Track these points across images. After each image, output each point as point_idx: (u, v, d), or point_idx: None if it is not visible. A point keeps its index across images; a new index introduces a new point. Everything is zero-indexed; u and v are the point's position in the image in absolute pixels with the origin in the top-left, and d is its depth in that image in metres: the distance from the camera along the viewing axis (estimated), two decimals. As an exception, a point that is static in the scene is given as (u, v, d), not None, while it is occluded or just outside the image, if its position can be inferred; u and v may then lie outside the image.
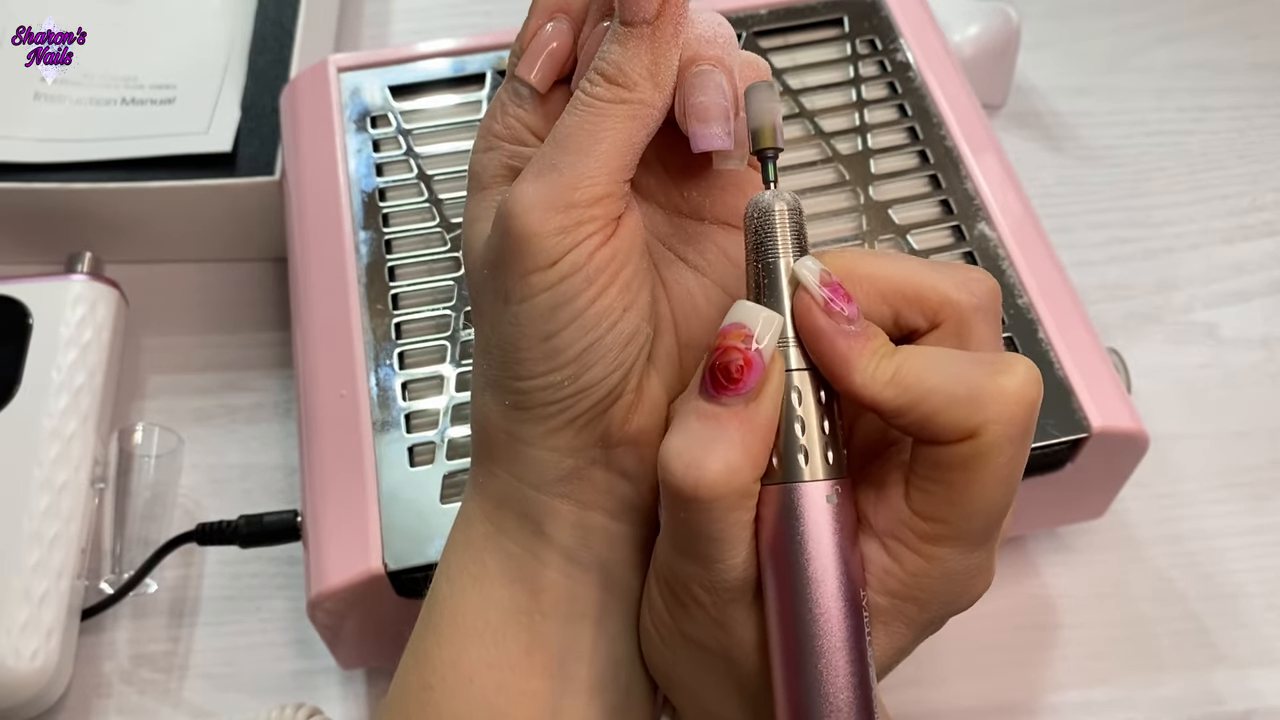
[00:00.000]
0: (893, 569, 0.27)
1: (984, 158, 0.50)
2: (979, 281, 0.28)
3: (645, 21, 0.28)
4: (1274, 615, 0.51)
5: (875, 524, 0.28)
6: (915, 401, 0.26)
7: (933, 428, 0.26)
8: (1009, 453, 0.26)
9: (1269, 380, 0.58)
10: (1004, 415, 0.26)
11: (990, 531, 0.27)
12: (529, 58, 0.30)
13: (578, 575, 0.31)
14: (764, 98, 0.28)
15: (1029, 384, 0.26)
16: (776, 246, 0.28)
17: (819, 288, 0.27)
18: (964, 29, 0.64)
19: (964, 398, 0.26)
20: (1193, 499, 0.54)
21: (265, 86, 0.60)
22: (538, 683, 0.31)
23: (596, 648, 0.31)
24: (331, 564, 0.42)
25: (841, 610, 0.27)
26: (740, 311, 0.27)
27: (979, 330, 0.28)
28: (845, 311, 0.27)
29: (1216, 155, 0.67)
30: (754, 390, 0.27)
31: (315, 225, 0.50)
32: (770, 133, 0.28)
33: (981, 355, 0.27)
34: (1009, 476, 0.26)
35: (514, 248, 0.28)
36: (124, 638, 0.50)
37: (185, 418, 0.56)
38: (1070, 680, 0.50)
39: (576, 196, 0.28)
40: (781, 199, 0.28)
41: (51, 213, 0.58)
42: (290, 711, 0.44)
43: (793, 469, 0.27)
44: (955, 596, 0.28)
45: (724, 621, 0.28)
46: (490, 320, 0.30)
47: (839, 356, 0.27)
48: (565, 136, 0.28)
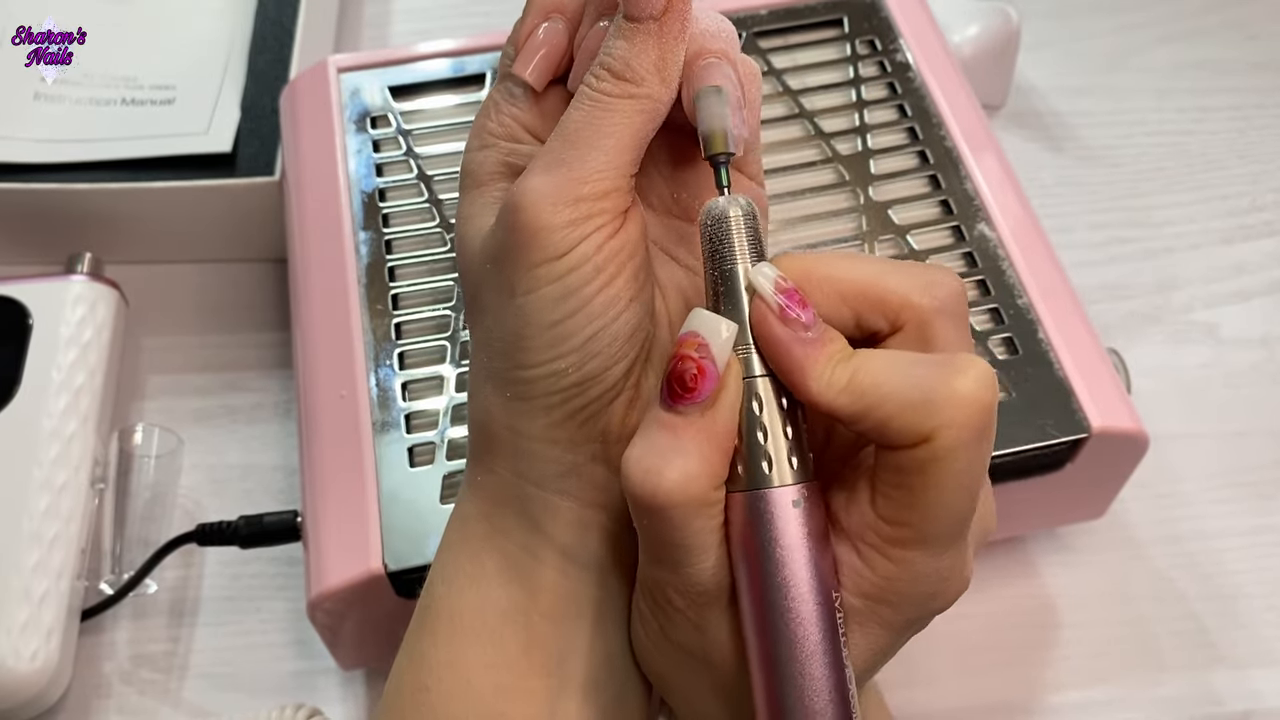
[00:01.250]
0: (864, 571, 0.27)
1: (984, 158, 0.50)
2: (941, 284, 0.28)
3: (652, 17, 0.28)
4: (1274, 615, 0.51)
5: (846, 527, 0.28)
6: (870, 408, 0.26)
7: (888, 433, 0.26)
8: (965, 456, 0.26)
9: (1269, 380, 0.58)
10: (957, 419, 0.25)
11: (955, 535, 0.27)
12: (525, 56, 0.30)
13: (576, 574, 0.31)
14: (713, 103, 0.28)
15: (982, 387, 0.26)
16: (733, 252, 0.28)
17: (774, 295, 0.27)
18: (964, 29, 0.64)
19: (917, 402, 0.26)
20: (1193, 499, 0.54)
21: (265, 87, 0.60)
22: (535, 682, 0.31)
23: (594, 647, 0.31)
24: (331, 564, 0.42)
25: (813, 612, 0.27)
26: (695, 320, 0.27)
27: (942, 333, 0.28)
28: (801, 318, 0.27)
29: (1216, 155, 0.67)
30: (709, 399, 0.27)
31: (315, 225, 0.50)
32: (721, 138, 0.28)
33: (937, 357, 0.27)
34: (968, 480, 0.26)
35: (522, 241, 0.28)
36: (124, 638, 0.50)
37: (185, 418, 0.56)
38: (1070, 680, 0.49)
39: (585, 190, 0.28)
40: (736, 204, 0.28)
41: (51, 213, 0.58)
42: (290, 711, 0.44)
43: (757, 475, 0.27)
44: (928, 598, 0.28)
45: (701, 625, 0.29)
46: (493, 314, 0.30)
47: (794, 364, 0.27)
48: (573, 131, 0.28)
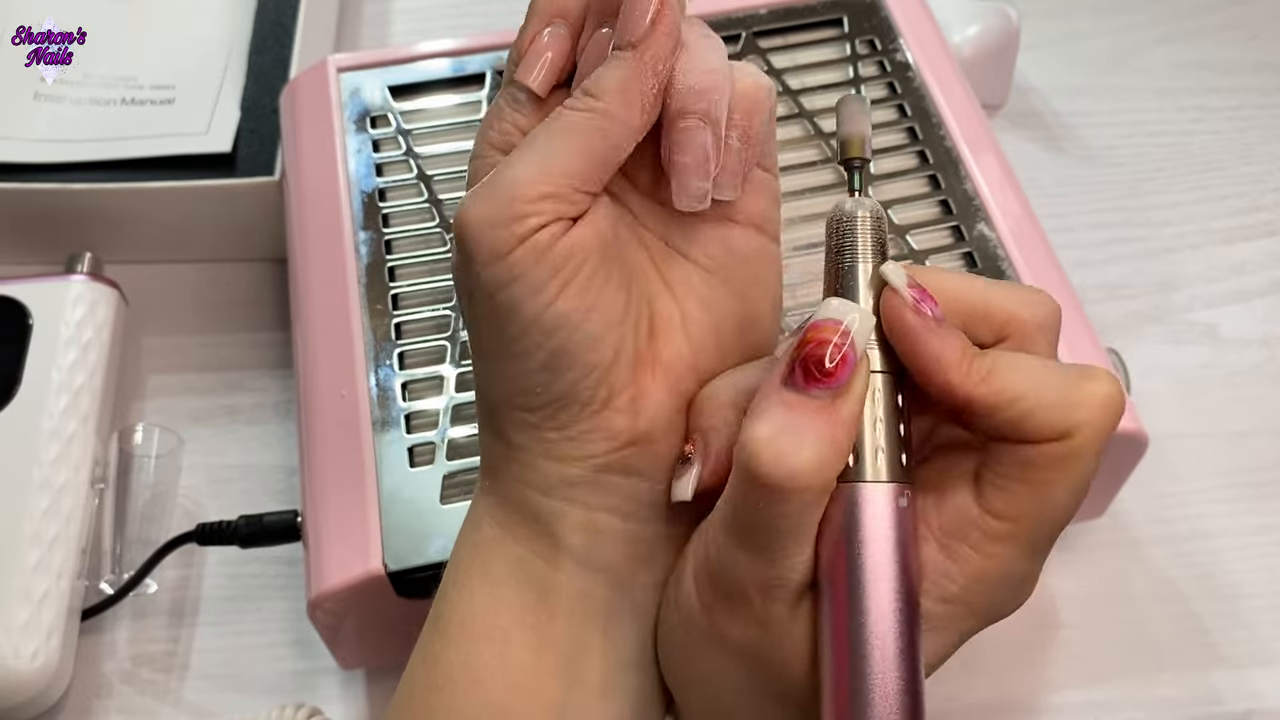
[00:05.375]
0: (951, 571, 0.28)
1: (984, 158, 0.50)
2: (1044, 302, 0.29)
3: (630, 45, 0.29)
4: (1274, 615, 0.51)
5: (934, 526, 0.28)
6: (1010, 401, 0.27)
7: (1026, 427, 0.27)
8: (1094, 457, 0.27)
9: (1269, 380, 0.58)
10: (1095, 419, 0.27)
11: (1054, 536, 0.28)
12: (528, 62, 0.30)
13: (587, 577, 0.31)
14: (854, 110, 0.30)
15: (1117, 393, 0.27)
16: (857, 251, 0.29)
17: (907, 289, 0.27)
18: (964, 29, 0.64)
19: (1057, 401, 0.27)
20: (1193, 499, 0.54)
21: (265, 87, 0.60)
22: (547, 684, 0.31)
23: (606, 649, 0.31)
24: (331, 564, 0.42)
25: (900, 615, 0.27)
26: (833, 307, 0.27)
27: (1042, 348, 0.29)
28: (933, 313, 0.27)
29: (1216, 155, 0.67)
30: (845, 385, 0.27)
31: (315, 225, 0.50)
32: (859, 143, 0.29)
33: (1067, 365, 0.28)
34: (1086, 481, 0.27)
35: (463, 245, 0.29)
36: (124, 638, 0.50)
37: (185, 418, 0.56)
38: (1070, 680, 0.49)
39: (518, 191, 0.28)
40: (863, 206, 0.29)
41: (51, 213, 0.58)
42: (290, 711, 0.44)
43: (868, 469, 0.27)
44: (1005, 601, 0.29)
45: (767, 620, 0.28)
46: (469, 331, 0.31)
47: (932, 354, 0.27)
48: (527, 141, 0.29)
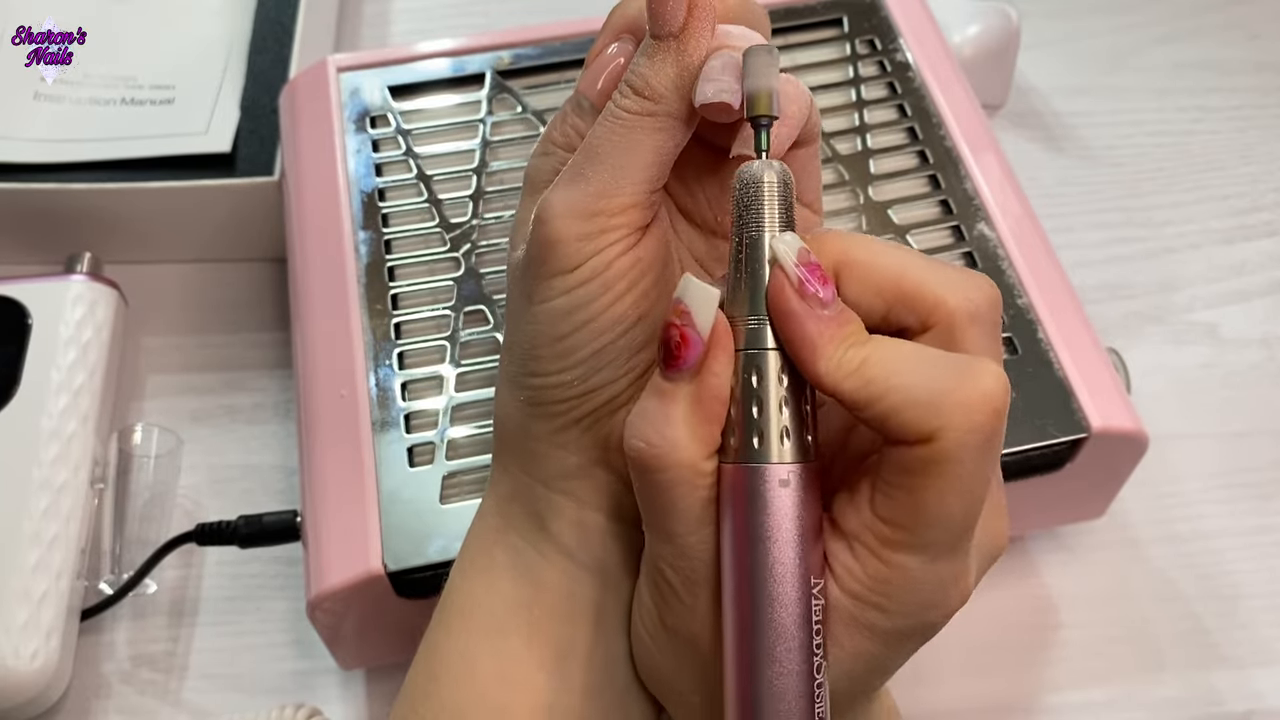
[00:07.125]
0: (854, 569, 0.27)
1: (984, 158, 0.50)
2: (979, 289, 0.27)
3: (671, 35, 0.28)
4: (1274, 615, 0.51)
5: (844, 525, 0.27)
6: (876, 396, 0.25)
7: (889, 426, 0.25)
8: (968, 462, 0.25)
9: (1269, 380, 0.58)
10: (963, 422, 0.25)
11: (953, 543, 0.26)
12: (592, 73, 0.31)
13: (576, 574, 0.32)
14: (763, 61, 0.27)
15: (994, 393, 0.25)
16: (762, 219, 0.27)
17: (795, 266, 0.26)
18: (964, 29, 0.64)
19: (924, 399, 0.25)
20: (1193, 499, 0.54)
21: (265, 86, 0.60)
22: (538, 675, 0.31)
23: (594, 647, 0.32)
24: (331, 564, 0.42)
25: (786, 594, 0.26)
26: (683, 288, 0.27)
27: (972, 339, 0.27)
28: (819, 294, 0.26)
29: (1216, 155, 0.67)
30: (695, 366, 0.27)
31: (315, 225, 0.50)
32: (766, 99, 0.27)
33: (954, 357, 0.26)
34: (970, 486, 0.25)
35: (541, 253, 0.29)
36: (124, 638, 0.50)
37: (185, 418, 0.56)
38: (1070, 680, 0.49)
39: (601, 205, 0.28)
40: (771, 169, 0.27)
41: (51, 213, 0.58)
42: (290, 711, 0.44)
43: (746, 449, 0.27)
44: (923, 608, 0.27)
45: (694, 606, 0.29)
46: (516, 318, 0.31)
47: (805, 340, 0.26)
48: (594, 147, 0.29)
